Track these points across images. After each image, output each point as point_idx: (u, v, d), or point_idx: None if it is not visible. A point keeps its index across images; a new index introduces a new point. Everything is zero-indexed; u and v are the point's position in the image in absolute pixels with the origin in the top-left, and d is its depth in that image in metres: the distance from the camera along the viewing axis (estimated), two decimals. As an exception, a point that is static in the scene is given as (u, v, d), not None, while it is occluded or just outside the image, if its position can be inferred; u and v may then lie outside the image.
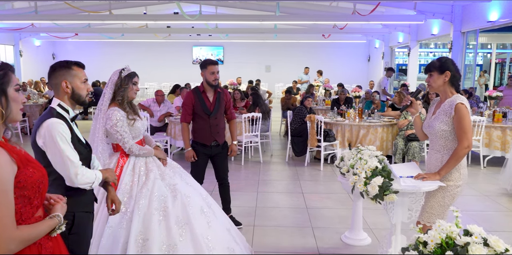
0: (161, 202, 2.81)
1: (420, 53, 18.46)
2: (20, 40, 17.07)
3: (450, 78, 2.73)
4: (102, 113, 2.89)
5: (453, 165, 2.69)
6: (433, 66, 2.76)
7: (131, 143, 2.89)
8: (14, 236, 1.34)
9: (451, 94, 2.76)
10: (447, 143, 2.74)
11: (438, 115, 2.76)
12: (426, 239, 1.82)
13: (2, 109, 1.41)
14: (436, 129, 2.74)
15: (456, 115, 2.65)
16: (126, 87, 2.90)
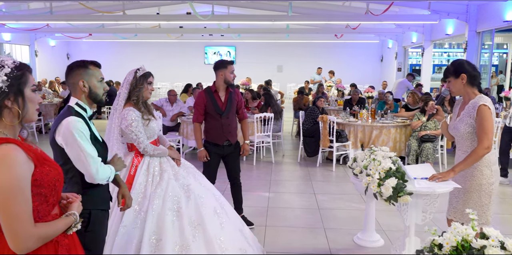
0: (174, 202, 2.82)
1: (434, 53, 18.28)
2: (35, 40, 17.32)
3: (467, 80, 2.72)
4: (117, 113, 2.91)
5: (470, 164, 2.67)
6: (448, 72, 2.77)
7: (146, 143, 2.91)
8: (32, 233, 1.36)
9: (474, 95, 2.74)
10: (474, 144, 2.71)
11: (463, 117, 2.75)
12: (442, 241, 1.80)
13: (19, 109, 1.44)
14: (461, 131, 2.73)
15: (478, 116, 2.65)
16: (141, 87, 2.91)
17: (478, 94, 2.74)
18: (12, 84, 1.40)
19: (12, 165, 1.33)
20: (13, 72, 1.41)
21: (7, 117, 1.42)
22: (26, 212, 1.36)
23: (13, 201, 1.33)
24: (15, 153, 1.35)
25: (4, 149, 1.35)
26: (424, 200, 2.83)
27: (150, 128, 2.95)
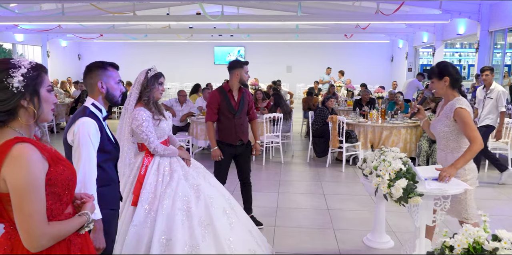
0: (184, 202, 2.84)
1: (445, 53, 18.07)
2: (47, 41, 17.53)
3: (450, 82, 2.89)
4: (128, 113, 2.93)
5: (468, 160, 2.81)
6: (433, 73, 2.92)
7: (156, 143, 2.92)
8: (45, 231, 1.38)
9: (453, 97, 2.91)
10: (449, 143, 2.91)
11: (440, 117, 2.93)
12: (453, 243, 1.79)
13: (35, 109, 1.45)
14: (438, 130, 2.91)
15: (459, 119, 2.82)
16: (152, 88, 2.93)
17: (457, 97, 2.90)
18: (28, 85, 1.42)
19: (27, 164, 1.35)
20: (29, 73, 1.43)
21: (23, 117, 1.44)
22: (40, 211, 1.37)
23: (28, 200, 1.34)
24: (30, 152, 1.37)
25: (19, 148, 1.36)
26: (435, 201, 2.81)
27: (161, 128, 2.97)
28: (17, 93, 1.40)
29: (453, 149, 2.91)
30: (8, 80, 1.38)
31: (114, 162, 2.22)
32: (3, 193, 1.37)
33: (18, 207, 1.35)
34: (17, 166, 1.34)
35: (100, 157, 2.06)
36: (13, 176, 1.34)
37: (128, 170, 2.93)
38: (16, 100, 1.40)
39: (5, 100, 1.38)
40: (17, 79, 1.39)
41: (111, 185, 2.18)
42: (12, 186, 1.34)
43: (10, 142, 1.37)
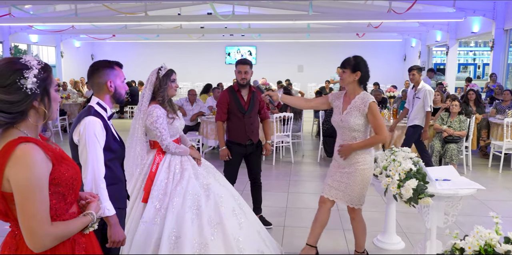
0: (194, 200, 2.84)
1: (459, 52, 17.83)
2: (61, 42, 17.76)
3: (359, 78, 3.02)
4: (142, 114, 2.95)
5: (365, 146, 3.02)
6: (348, 64, 3.04)
7: (169, 140, 2.94)
8: (49, 232, 1.37)
9: (359, 91, 3.06)
10: (359, 134, 3.04)
11: (350, 111, 3.03)
12: (463, 245, 1.75)
13: (46, 110, 1.46)
14: (351, 123, 3.01)
15: (371, 113, 2.97)
16: (165, 87, 2.95)
17: (363, 91, 3.06)
18: (40, 86, 1.42)
19: (31, 164, 1.34)
20: (40, 74, 1.42)
21: (33, 117, 1.44)
22: (43, 211, 1.37)
23: (31, 200, 1.34)
24: (34, 152, 1.36)
25: (23, 148, 1.36)
26: (446, 202, 2.76)
27: (174, 126, 2.99)
28: (31, 94, 1.39)
29: (361, 140, 3.05)
30: (22, 81, 1.38)
31: (120, 161, 2.23)
32: (7, 193, 1.37)
33: (21, 207, 1.35)
34: (20, 166, 1.34)
35: (106, 156, 2.06)
36: (16, 176, 1.34)
37: (139, 168, 2.95)
38: (29, 101, 1.40)
39: (18, 101, 1.38)
40: (30, 81, 1.39)
41: (117, 184, 2.18)
42: (16, 186, 1.34)
43: (14, 142, 1.36)
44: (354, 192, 3.06)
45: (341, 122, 3.07)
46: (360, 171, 3.03)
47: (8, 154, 1.34)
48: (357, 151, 3.02)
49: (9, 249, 1.45)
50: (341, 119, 3.06)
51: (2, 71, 1.38)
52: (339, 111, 3.11)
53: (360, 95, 3.04)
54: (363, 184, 3.06)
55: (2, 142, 1.39)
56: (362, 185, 3.06)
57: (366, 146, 3.02)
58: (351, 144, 3.02)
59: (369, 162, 3.07)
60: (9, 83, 1.37)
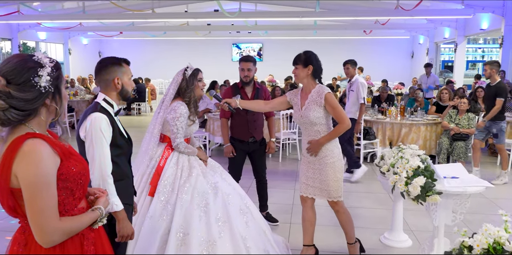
0: (202, 198, 2.85)
1: (467, 49, 17.68)
2: (69, 39, 17.86)
3: (312, 72, 3.05)
4: (162, 112, 2.97)
5: (332, 137, 3.05)
6: (299, 60, 3.08)
7: (182, 139, 2.97)
8: (57, 227, 1.38)
9: (314, 85, 3.08)
10: (321, 127, 3.05)
11: (309, 105, 3.04)
12: (472, 243, 1.74)
13: (57, 107, 1.47)
14: (311, 118, 3.02)
15: (329, 104, 2.99)
16: (192, 87, 2.97)
17: (318, 84, 3.09)
18: (53, 84, 1.43)
19: (39, 160, 1.35)
20: (53, 72, 1.44)
21: (44, 115, 1.45)
22: (51, 207, 1.37)
23: (39, 195, 1.35)
24: (41, 148, 1.37)
25: (31, 144, 1.36)
26: (455, 200, 2.74)
27: (190, 129, 3.03)
28: (45, 92, 1.41)
29: (325, 133, 3.06)
30: (36, 80, 1.39)
31: (127, 157, 2.24)
32: (16, 189, 1.38)
33: (29, 203, 1.36)
34: (28, 162, 1.34)
35: (113, 152, 2.07)
36: (24, 172, 1.34)
37: (147, 161, 2.96)
38: (42, 99, 1.41)
39: (33, 99, 1.39)
40: (44, 79, 1.40)
41: (124, 180, 2.19)
42: (24, 181, 1.35)
43: (22, 138, 1.37)
44: (329, 186, 3.08)
45: (301, 118, 3.08)
46: (330, 164, 3.05)
47: (16, 149, 1.35)
48: (324, 145, 3.04)
49: (19, 245, 1.46)
50: (301, 115, 3.08)
51: (17, 69, 1.38)
52: (298, 108, 3.12)
53: (316, 88, 3.06)
54: (336, 177, 3.07)
55: (10, 138, 1.40)
56: (335, 178, 3.07)
57: (332, 137, 3.04)
58: (318, 140, 3.03)
59: (337, 154, 3.08)
60: (23, 81, 1.38)
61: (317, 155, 3.07)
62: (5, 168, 1.36)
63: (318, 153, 3.06)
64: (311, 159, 3.12)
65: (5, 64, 1.41)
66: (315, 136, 3.07)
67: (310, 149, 3.07)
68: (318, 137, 3.06)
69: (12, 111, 1.36)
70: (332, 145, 3.07)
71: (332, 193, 3.10)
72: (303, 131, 3.18)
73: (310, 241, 3.30)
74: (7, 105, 1.36)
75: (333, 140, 3.07)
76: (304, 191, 3.22)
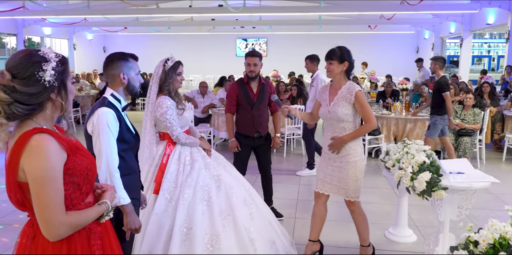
0: (205, 192, 2.85)
1: (473, 44, 17.53)
2: (74, 34, 17.88)
3: (347, 68, 3.02)
4: (150, 106, 2.96)
5: (357, 136, 3.02)
6: (334, 55, 3.02)
7: (179, 131, 2.95)
8: (63, 221, 1.39)
9: (345, 82, 3.05)
10: (348, 125, 3.03)
11: (338, 101, 3.02)
12: (478, 238, 1.74)
13: (63, 102, 1.48)
14: (339, 114, 3.00)
15: (358, 102, 2.97)
16: (170, 81, 2.95)
17: (349, 81, 3.06)
18: (58, 78, 1.44)
19: (45, 155, 1.36)
20: (58, 66, 1.44)
21: (50, 109, 1.46)
22: (57, 201, 1.39)
23: (46, 190, 1.36)
24: (48, 143, 1.38)
25: (38, 139, 1.37)
26: (460, 195, 2.74)
27: (184, 117, 3.00)
28: (49, 87, 1.41)
29: (350, 130, 3.03)
30: (40, 74, 1.40)
31: (134, 152, 2.25)
32: (23, 182, 1.39)
33: (36, 197, 1.37)
34: (35, 157, 1.35)
35: (119, 146, 2.09)
36: (31, 167, 1.35)
37: (150, 160, 2.97)
38: (47, 93, 1.42)
39: (37, 93, 1.40)
40: (49, 73, 1.40)
41: (131, 174, 2.20)
42: (30, 176, 1.36)
43: (29, 133, 1.38)
44: (348, 185, 3.04)
45: (328, 114, 3.05)
46: (351, 163, 3.02)
47: (23, 144, 1.36)
48: (348, 143, 3.00)
49: (27, 238, 1.48)
50: (329, 111, 3.05)
51: (22, 63, 1.40)
52: (326, 104, 3.10)
53: (346, 85, 3.03)
54: (356, 176, 3.03)
55: (18, 133, 1.41)
56: (355, 177, 3.03)
57: (357, 136, 3.01)
58: (342, 137, 3.00)
59: (359, 154, 3.05)
60: (28, 76, 1.39)
61: (339, 152, 3.03)
62: (13, 162, 1.37)
63: (340, 150, 3.02)
64: (332, 156, 3.07)
65: (11, 59, 1.42)
66: (340, 133, 3.03)
67: (332, 145, 3.03)
68: (343, 134, 3.02)
69: (17, 106, 1.37)
70: (356, 144, 3.04)
71: (350, 192, 3.07)
72: (327, 127, 3.13)
73: (316, 237, 3.29)
74: (11, 99, 1.37)
75: (357, 139, 3.04)
76: (321, 188, 3.18)
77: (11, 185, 1.40)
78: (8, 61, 1.42)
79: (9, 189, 1.42)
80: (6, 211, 4.29)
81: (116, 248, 1.65)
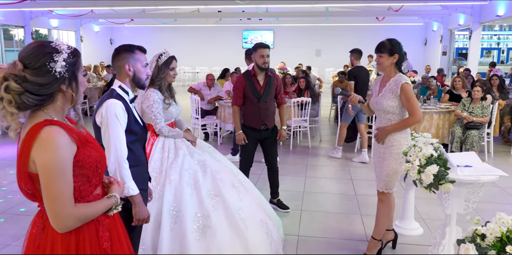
0: (191, 176, 2.88)
1: (482, 36, 17.29)
2: (81, 26, 17.91)
3: (397, 60, 3.02)
4: (139, 100, 2.99)
5: (401, 128, 3.01)
6: (384, 48, 3.01)
7: (163, 124, 2.97)
8: (71, 213, 1.41)
9: (395, 74, 3.04)
10: (394, 117, 3.03)
11: (385, 93, 3.03)
12: (485, 231, 1.74)
13: (73, 93, 1.49)
14: (384, 105, 3.01)
15: (404, 94, 2.96)
16: (162, 76, 2.96)
17: (398, 73, 3.04)
18: (69, 70, 1.45)
19: (55, 147, 1.37)
20: (69, 58, 1.45)
21: (60, 101, 1.47)
22: (66, 193, 1.40)
23: (55, 182, 1.37)
24: (58, 135, 1.39)
25: (48, 131, 1.38)
26: (468, 188, 2.73)
27: (169, 112, 3.02)
28: (60, 78, 1.42)
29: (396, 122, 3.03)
30: (51, 65, 1.40)
31: (142, 143, 2.26)
32: (34, 174, 1.41)
33: (45, 189, 1.38)
34: (45, 149, 1.37)
35: (128, 138, 2.11)
36: (41, 159, 1.37)
37: None
38: (57, 84, 1.43)
39: (47, 84, 1.40)
40: (60, 64, 1.41)
41: (139, 166, 2.22)
42: (41, 168, 1.37)
43: (40, 125, 1.39)
44: (388, 176, 3.04)
45: (376, 104, 3.08)
46: (394, 155, 3.01)
47: (34, 136, 1.37)
48: (392, 133, 3.01)
49: (37, 228, 1.50)
50: (376, 102, 3.08)
51: (33, 54, 1.41)
52: (375, 94, 3.13)
53: (395, 77, 3.03)
54: (396, 169, 3.02)
55: (29, 124, 1.42)
56: (395, 169, 3.02)
57: (400, 128, 3.00)
58: (385, 127, 3.02)
59: (404, 146, 3.00)
60: (39, 66, 1.40)
61: (384, 143, 3.05)
62: (24, 153, 1.39)
63: (384, 140, 3.04)
64: (377, 147, 3.12)
65: (24, 49, 1.44)
66: (386, 124, 3.06)
67: (376, 135, 3.09)
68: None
69: (27, 96, 1.38)
70: (401, 136, 3.03)
71: (389, 184, 3.07)
72: (377, 118, 3.18)
73: (390, 226, 3.31)
74: (22, 89, 1.38)
75: (403, 131, 3.03)
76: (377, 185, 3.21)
77: (21, 176, 1.42)
78: (20, 52, 1.44)
79: (20, 179, 1.44)
80: (19, 200, 4.35)
81: (124, 239, 1.67)
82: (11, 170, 5.56)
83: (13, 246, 3.39)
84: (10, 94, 1.37)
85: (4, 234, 3.61)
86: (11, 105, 1.37)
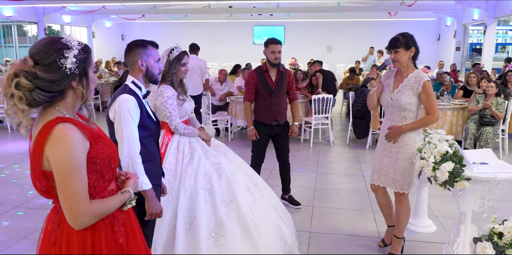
0: (206, 180, 2.84)
1: (497, 31, 17.00)
2: (93, 22, 18.03)
3: (414, 54, 2.91)
4: (151, 96, 2.95)
5: (418, 127, 2.92)
6: (399, 43, 2.89)
7: (178, 120, 2.91)
8: (87, 210, 1.41)
9: (413, 70, 2.94)
10: (409, 114, 2.92)
11: (403, 89, 2.91)
12: (502, 230, 1.71)
13: (84, 90, 1.48)
14: (402, 102, 2.88)
15: (425, 92, 2.85)
16: (173, 72, 2.90)
17: (416, 69, 2.93)
18: (79, 66, 1.44)
19: (69, 144, 1.37)
20: (80, 54, 1.44)
21: (71, 97, 1.47)
22: (81, 190, 1.40)
23: (70, 179, 1.38)
24: (71, 133, 1.39)
25: (60, 129, 1.38)
26: (483, 186, 2.69)
27: (184, 108, 2.96)
28: (70, 74, 1.42)
29: (411, 120, 2.93)
30: (62, 61, 1.40)
31: (155, 139, 2.27)
32: (48, 171, 1.41)
33: (60, 186, 1.39)
34: (58, 146, 1.37)
35: (141, 133, 2.11)
36: (55, 156, 1.37)
37: None
38: (68, 81, 1.42)
39: (58, 80, 1.40)
40: (70, 61, 1.41)
41: (152, 161, 2.23)
42: (54, 166, 1.38)
43: (52, 122, 1.39)
44: (403, 177, 2.94)
45: (391, 101, 2.93)
46: (408, 154, 2.91)
47: (47, 134, 1.37)
48: (407, 132, 2.90)
49: (52, 224, 1.51)
50: (392, 98, 2.93)
51: (44, 50, 1.41)
52: (390, 90, 2.98)
53: (414, 73, 2.91)
54: (412, 168, 2.92)
55: (41, 121, 1.42)
56: (411, 169, 2.93)
57: (417, 127, 2.90)
58: (400, 126, 2.89)
59: (418, 146, 2.90)
60: (49, 62, 1.39)
61: (397, 142, 2.93)
62: (37, 151, 1.39)
63: (396, 139, 2.92)
64: (388, 146, 2.98)
65: (35, 45, 1.43)
66: (399, 122, 2.94)
67: (389, 134, 2.94)
68: (402, 124, 2.92)
69: (38, 92, 1.38)
70: (415, 134, 2.93)
71: (405, 184, 2.97)
72: (387, 115, 3.02)
73: (392, 222, 3.25)
74: (33, 85, 1.37)
75: (417, 130, 2.93)
76: (376, 180, 3.11)
77: (36, 173, 1.43)
78: (31, 48, 1.43)
79: (34, 177, 1.45)
80: (33, 195, 4.41)
81: (138, 234, 1.68)
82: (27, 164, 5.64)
83: (28, 240, 3.43)
84: (21, 91, 1.36)
85: (21, 227, 3.66)
86: (21, 102, 1.37)
